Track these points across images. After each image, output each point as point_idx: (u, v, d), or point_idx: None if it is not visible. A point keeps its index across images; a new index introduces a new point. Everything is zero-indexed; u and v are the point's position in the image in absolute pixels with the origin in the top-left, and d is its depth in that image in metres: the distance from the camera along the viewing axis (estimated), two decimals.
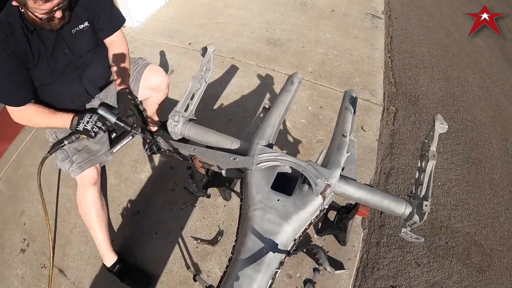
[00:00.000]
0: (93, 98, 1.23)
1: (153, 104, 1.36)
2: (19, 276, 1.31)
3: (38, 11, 0.89)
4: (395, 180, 1.67)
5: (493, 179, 1.77)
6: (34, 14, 0.90)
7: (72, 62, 1.10)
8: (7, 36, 0.92)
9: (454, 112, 2.16)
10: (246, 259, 0.69)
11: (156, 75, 1.29)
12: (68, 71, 1.10)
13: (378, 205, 0.86)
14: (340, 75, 2.23)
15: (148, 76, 1.27)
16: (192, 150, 1.02)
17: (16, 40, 0.94)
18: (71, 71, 1.11)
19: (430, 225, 1.51)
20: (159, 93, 1.32)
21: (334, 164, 0.86)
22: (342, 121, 1.04)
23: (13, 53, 0.93)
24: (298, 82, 1.18)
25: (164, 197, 1.51)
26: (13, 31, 0.93)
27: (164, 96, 1.36)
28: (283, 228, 0.74)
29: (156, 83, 1.28)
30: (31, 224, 1.47)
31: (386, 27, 2.87)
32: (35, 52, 0.99)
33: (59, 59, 1.05)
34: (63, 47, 1.05)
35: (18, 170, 1.69)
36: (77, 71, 1.13)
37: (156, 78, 1.28)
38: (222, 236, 1.36)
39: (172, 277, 1.25)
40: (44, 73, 1.03)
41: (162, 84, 1.30)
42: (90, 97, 1.21)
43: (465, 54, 2.73)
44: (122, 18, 1.21)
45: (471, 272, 1.37)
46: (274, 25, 2.73)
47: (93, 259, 1.32)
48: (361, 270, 1.32)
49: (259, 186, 0.82)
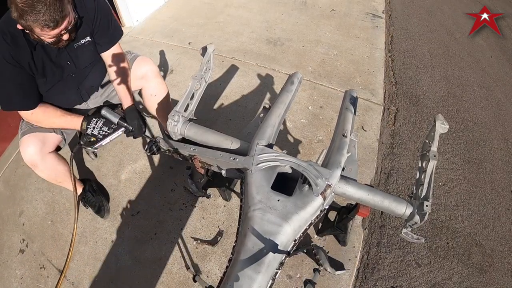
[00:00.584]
0: (84, 102, 1.27)
1: (149, 95, 1.35)
2: (18, 277, 1.31)
3: (45, 36, 0.90)
4: (396, 180, 1.66)
5: (494, 179, 1.76)
6: (40, 38, 0.90)
7: (75, 73, 1.14)
8: (10, 45, 0.93)
9: (455, 112, 2.15)
10: (246, 259, 0.69)
11: (143, 64, 1.30)
12: (68, 81, 1.13)
13: (379, 205, 0.86)
14: (341, 74, 2.22)
15: (136, 67, 1.29)
16: (192, 150, 1.02)
17: (20, 50, 0.95)
18: (71, 81, 1.15)
19: (431, 225, 1.51)
20: (149, 82, 1.32)
21: (335, 164, 0.86)
22: (342, 121, 1.04)
23: (17, 62, 0.95)
24: (298, 82, 1.18)
25: (164, 197, 1.50)
26: (16, 40, 0.94)
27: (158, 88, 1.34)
28: (283, 229, 0.74)
29: (143, 71, 1.30)
30: (30, 224, 1.46)
31: (387, 27, 2.86)
32: (38, 63, 1.01)
33: (63, 71, 1.09)
34: (67, 59, 1.08)
35: (17, 170, 1.68)
36: (77, 82, 1.17)
37: (144, 67, 1.30)
38: (222, 236, 1.35)
39: (172, 278, 1.25)
40: (46, 82, 1.06)
41: (149, 73, 1.30)
42: (82, 101, 1.26)
43: (466, 54, 2.73)
44: (120, 31, 1.22)
45: (472, 273, 1.36)
46: (274, 25, 2.73)
47: (92, 259, 1.32)
48: (361, 270, 1.31)
49: (259, 186, 0.81)
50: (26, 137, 1.10)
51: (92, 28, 1.10)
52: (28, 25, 0.85)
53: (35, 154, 1.10)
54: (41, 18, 0.83)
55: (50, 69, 1.05)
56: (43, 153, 1.12)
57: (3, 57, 0.93)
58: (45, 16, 0.83)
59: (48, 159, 1.14)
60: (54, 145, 1.17)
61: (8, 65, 0.94)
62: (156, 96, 1.35)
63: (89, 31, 1.10)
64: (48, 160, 1.14)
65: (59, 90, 1.12)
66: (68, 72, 1.11)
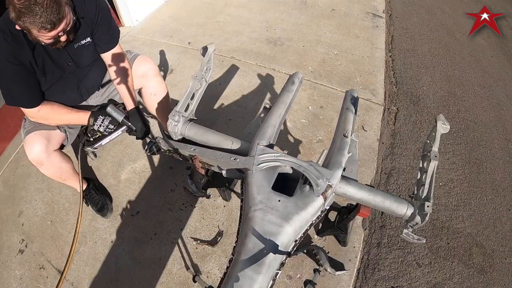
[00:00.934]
0: (84, 101, 1.26)
1: (148, 94, 1.35)
2: (18, 277, 1.30)
3: (43, 37, 0.89)
4: (396, 181, 1.66)
5: (494, 179, 1.76)
6: (38, 39, 0.90)
7: (75, 72, 1.14)
8: (11, 44, 0.93)
9: (456, 112, 2.15)
10: (246, 260, 0.69)
11: (144, 63, 1.31)
12: (68, 80, 1.13)
13: (380, 205, 0.86)
14: (341, 74, 2.22)
15: (136, 66, 1.29)
16: (192, 150, 1.01)
17: (21, 49, 0.95)
18: (71, 80, 1.15)
19: (432, 225, 1.50)
20: (149, 81, 1.32)
21: (335, 165, 0.86)
22: (343, 121, 1.03)
23: (19, 61, 0.95)
24: (299, 82, 1.18)
25: (164, 197, 1.50)
26: (16, 39, 0.93)
27: (158, 87, 1.35)
28: (284, 229, 0.74)
29: (143, 70, 1.30)
30: (29, 224, 1.46)
31: (387, 26, 2.86)
32: (39, 62, 1.01)
33: (63, 71, 1.09)
34: (67, 60, 1.08)
35: (16, 170, 1.68)
36: (77, 80, 1.17)
37: (144, 66, 1.30)
38: (222, 237, 1.35)
39: (172, 278, 1.24)
40: (46, 80, 1.06)
41: (149, 71, 1.31)
42: (82, 100, 1.26)
43: (466, 54, 2.72)
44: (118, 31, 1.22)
45: (472, 273, 1.36)
46: (274, 24, 2.72)
47: (92, 260, 1.31)
48: (361, 271, 1.31)
49: (260, 186, 0.81)
50: (31, 136, 1.10)
51: (92, 29, 1.10)
52: (25, 26, 0.85)
53: (40, 152, 1.10)
54: (38, 20, 0.82)
55: (51, 68, 1.05)
56: (49, 151, 1.12)
57: (5, 58, 0.93)
58: (42, 18, 0.82)
59: (54, 157, 1.15)
60: (58, 143, 1.18)
61: (10, 64, 0.94)
62: (156, 95, 1.35)
63: (90, 32, 1.10)
64: (54, 158, 1.15)
65: (59, 89, 1.12)
66: (69, 72, 1.11)
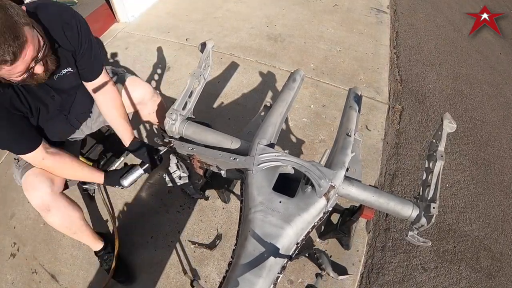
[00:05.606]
0: (77, 129, 1.14)
1: (147, 114, 1.25)
2: (9, 282, 1.27)
3: (12, 76, 0.71)
4: (401, 182, 1.62)
5: (503, 180, 1.72)
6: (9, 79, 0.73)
7: (61, 105, 1.00)
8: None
9: (463, 111, 2.10)
10: (246, 263, 0.67)
11: (137, 87, 1.16)
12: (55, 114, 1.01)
13: (384, 207, 0.83)
14: (344, 72, 2.17)
15: (129, 90, 1.16)
16: (191, 150, 0.98)
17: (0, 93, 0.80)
18: (58, 113, 1.02)
19: (438, 228, 1.47)
20: (146, 105, 1.21)
21: (338, 165, 0.83)
22: (346, 120, 1.00)
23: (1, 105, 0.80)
24: (300, 79, 1.14)
25: (161, 199, 1.46)
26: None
27: (154, 105, 1.24)
28: (285, 231, 0.71)
29: (138, 96, 1.17)
30: (21, 227, 1.42)
31: (392, 22, 2.80)
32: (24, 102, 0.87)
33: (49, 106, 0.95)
34: (50, 93, 0.93)
35: (8, 171, 1.64)
36: (64, 112, 1.03)
37: (138, 91, 1.16)
38: (221, 240, 1.32)
39: (169, 283, 1.21)
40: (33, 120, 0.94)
41: (145, 96, 1.18)
42: (74, 129, 1.13)
43: (474, 51, 2.66)
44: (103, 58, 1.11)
45: (480, 278, 1.33)
46: (274, 20, 2.67)
47: (86, 264, 1.28)
48: (365, 275, 1.28)
49: (260, 187, 0.79)
50: (31, 175, 0.93)
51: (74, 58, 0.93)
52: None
53: (46, 194, 0.92)
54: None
55: (35, 106, 0.90)
56: (55, 193, 0.95)
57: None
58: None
59: (60, 201, 0.98)
60: (62, 183, 1.02)
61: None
62: (154, 113, 1.25)
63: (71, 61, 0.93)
64: (60, 202, 0.98)
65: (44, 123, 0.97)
66: (56, 107, 0.97)
